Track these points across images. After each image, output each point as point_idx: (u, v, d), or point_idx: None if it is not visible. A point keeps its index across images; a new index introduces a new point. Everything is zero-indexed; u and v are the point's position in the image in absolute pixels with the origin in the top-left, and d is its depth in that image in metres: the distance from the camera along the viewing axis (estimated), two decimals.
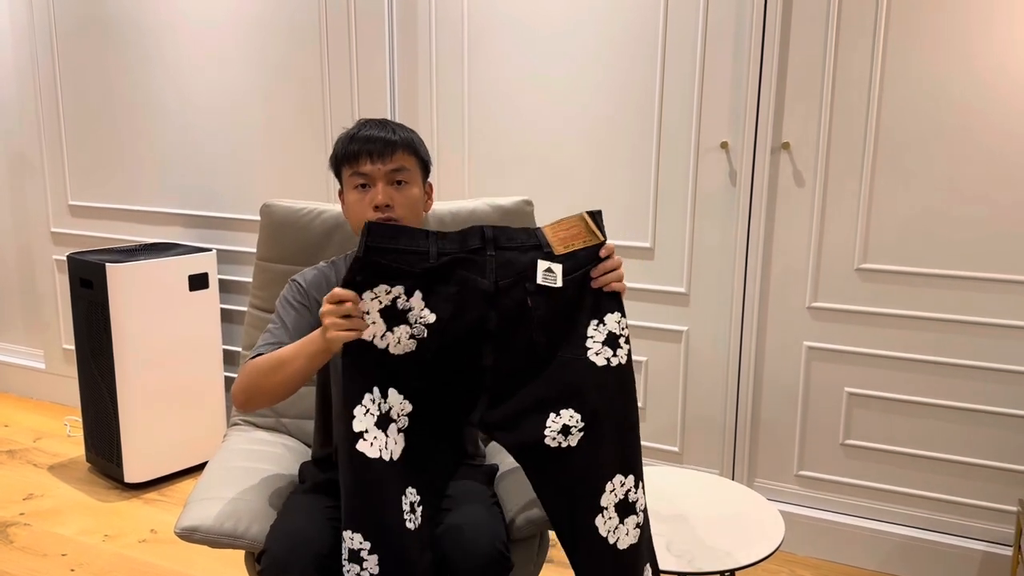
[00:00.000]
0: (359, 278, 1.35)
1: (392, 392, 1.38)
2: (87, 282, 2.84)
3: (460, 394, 1.42)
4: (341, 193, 1.63)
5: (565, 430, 1.37)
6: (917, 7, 2.12)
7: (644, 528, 1.42)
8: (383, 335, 1.36)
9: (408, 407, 1.39)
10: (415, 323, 1.37)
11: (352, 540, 1.33)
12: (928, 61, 2.13)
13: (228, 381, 3.12)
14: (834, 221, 2.29)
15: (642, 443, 2.65)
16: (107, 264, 2.76)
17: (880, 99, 2.19)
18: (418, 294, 1.37)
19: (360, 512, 1.33)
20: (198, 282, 2.97)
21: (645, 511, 1.43)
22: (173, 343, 2.91)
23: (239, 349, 2.50)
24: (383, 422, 1.36)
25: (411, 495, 1.36)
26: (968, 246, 2.16)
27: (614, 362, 1.40)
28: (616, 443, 1.39)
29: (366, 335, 1.36)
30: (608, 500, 1.38)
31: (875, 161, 2.22)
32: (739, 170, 2.36)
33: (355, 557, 1.32)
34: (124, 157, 3.35)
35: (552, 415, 1.38)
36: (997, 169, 2.11)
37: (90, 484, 2.92)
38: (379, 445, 1.35)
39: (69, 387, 3.59)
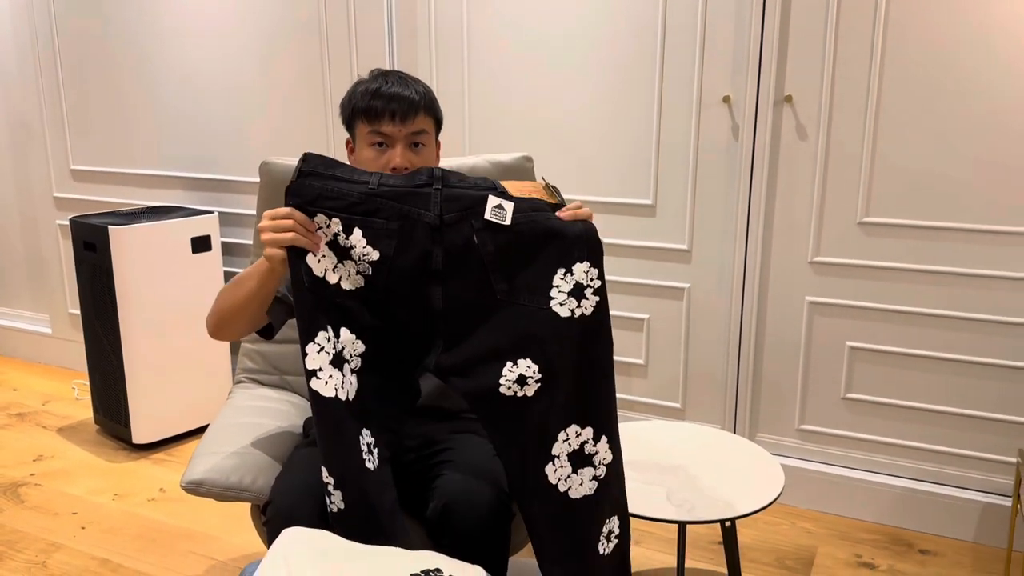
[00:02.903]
0: (293, 203, 1.34)
1: (344, 331, 1.35)
2: (90, 245, 2.85)
3: (414, 338, 1.38)
4: (349, 143, 1.61)
5: (521, 380, 1.33)
6: None
7: (608, 484, 1.38)
8: (335, 267, 1.34)
9: (360, 347, 1.37)
10: (359, 260, 1.34)
11: (324, 474, 1.35)
12: (931, 12, 2.10)
13: (233, 342, 3.13)
14: (836, 175, 2.28)
15: (644, 400, 2.67)
16: (110, 227, 2.76)
17: (883, 51, 2.17)
18: (357, 232, 1.33)
19: (324, 449, 1.35)
20: (201, 244, 2.97)
21: (612, 467, 1.39)
22: (177, 305, 2.92)
23: None
24: (337, 361, 1.35)
25: (366, 436, 1.36)
26: (970, 199, 2.15)
27: (578, 313, 1.34)
28: (576, 394, 1.36)
29: (318, 270, 1.34)
30: (560, 449, 1.35)
31: (878, 114, 2.20)
32: (741, 124, 2.35)
33: (327, 490, 1.35)
34: (124, 121, 3.33)
35: (509, 364, 1.34)
36: (1000, 122, 2.09)
37: (99, 445, 2.96)
38: (334, 384, 1.34)
39: (76, 351, 3.62)
